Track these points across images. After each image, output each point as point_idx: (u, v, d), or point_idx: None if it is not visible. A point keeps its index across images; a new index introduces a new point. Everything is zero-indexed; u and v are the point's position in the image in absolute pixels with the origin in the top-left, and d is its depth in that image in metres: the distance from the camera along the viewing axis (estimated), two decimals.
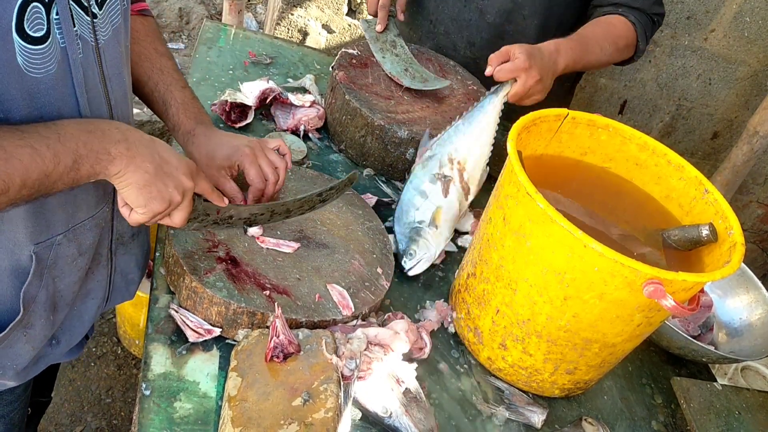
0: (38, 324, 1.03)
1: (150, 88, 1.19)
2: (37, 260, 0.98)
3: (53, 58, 0.84)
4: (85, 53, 0.90)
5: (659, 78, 3.05)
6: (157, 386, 1.02)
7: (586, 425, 1.23)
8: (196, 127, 1.19)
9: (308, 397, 0.98)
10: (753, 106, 3.03)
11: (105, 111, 0.97)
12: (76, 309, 1.13)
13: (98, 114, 0.96)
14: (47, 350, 1.12)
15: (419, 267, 1.38)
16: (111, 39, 0.95)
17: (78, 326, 1.16)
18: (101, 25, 0.92)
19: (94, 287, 1.14)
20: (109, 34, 0.95)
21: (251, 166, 1.17)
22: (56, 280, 1.03)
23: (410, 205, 1.44)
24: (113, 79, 0.97)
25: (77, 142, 0.85)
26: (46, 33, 0.81)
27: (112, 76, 0.97)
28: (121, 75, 1.00)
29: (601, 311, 1.08)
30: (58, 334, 1.12)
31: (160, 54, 1.20)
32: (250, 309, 1.08)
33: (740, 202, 3.42)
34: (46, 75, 0.84)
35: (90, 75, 0.92)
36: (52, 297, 1.04)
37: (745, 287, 1.56)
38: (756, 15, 2.83)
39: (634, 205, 1.32)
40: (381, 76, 1.70)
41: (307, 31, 3.04)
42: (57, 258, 1.01)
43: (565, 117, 1.27)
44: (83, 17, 0.88)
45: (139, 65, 1.17)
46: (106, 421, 2.21)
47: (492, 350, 1.24)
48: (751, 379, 2.20)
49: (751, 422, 1.36)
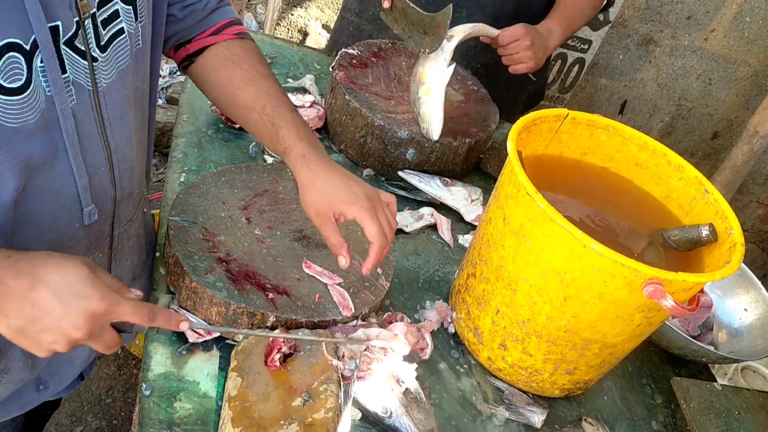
0: (14, 368, 0.99)
1: (258, 112, 1.11)
2: None
3: (34, 108, 0.79)
4: (79, 100, 0.85)
5: (659, 78, 3.05)
6: (157, 386, 1.02)
7: (586, 425, 1.23)
8: (311, 151, 1.09)
9: (308, 397, 0.98)
10: (753, 106, 3.04)
11: (102, 157, 0.92)
12: (67, 355, 1.07)
13: (94, 162, 0.90)
14: (33, 395, 1.08)
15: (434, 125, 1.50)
16: (115, 82, 0.90)
17: (68, 370, 1.11)
18: (103, 68, 0.87)
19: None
20: (113, 77, 0.90)
21: (372, 223, 1.05)
22: None
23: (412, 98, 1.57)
24: (114, 123, 0.92)
25: None
26: (25, 82, 0.76)
27: (113, 119, 0.92)
28: (125, 118, 0.94)
29: (600, 311, 1.08)
30: (46, 379, 1.08)
31: (265, 76, 1.14)
32: (250, 309, 1.08)
33: (740, 202, 3.42)
34: (24, 125, 0.79)
35: (85, 122, 0.87)
36: None
37: (745, 287, 1.56)
38: (756, 15, 2.84)
39: (634, 205, 1.32)
40: (381, 76, 1.70)
41: (307, 31, 3.05)
42: None
43: (565, 117, 1.27)
44: (78, 62, 0.83)
45: (245, 90, 1.11)
46: (106, 421, 2.21)
47: (492, 350, 1.24)
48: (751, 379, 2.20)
49: (751, 422, 1.36)
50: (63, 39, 0.80)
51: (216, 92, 1.15)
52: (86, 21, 0.83)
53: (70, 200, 0.91)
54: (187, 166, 1.43)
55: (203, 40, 1.14)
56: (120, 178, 0.97)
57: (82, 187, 0.90)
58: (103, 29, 0.86)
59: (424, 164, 1.59)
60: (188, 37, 1.14)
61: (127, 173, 0.99)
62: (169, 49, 1.16)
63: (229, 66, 1.12)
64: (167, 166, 1.43)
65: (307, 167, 1.07)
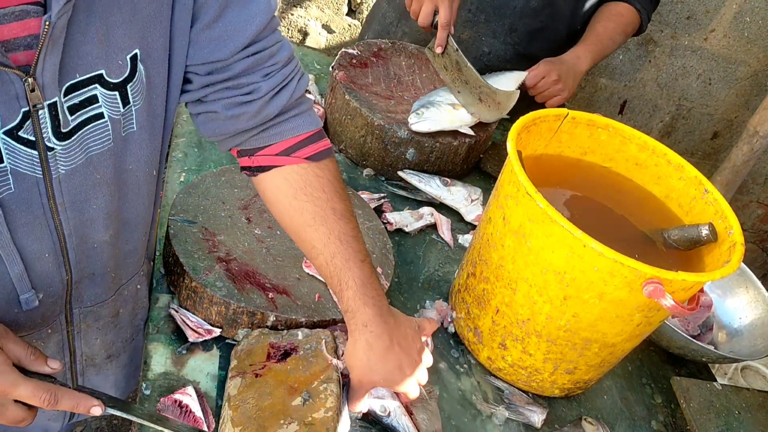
0: None
1: (325, 258, 1.00)
2: None
3: None
4: (19, 188, 0.77)
5: (659, 78, 3.05)
6: (157, 386, 1.02)
7: (585, 425, 1.23)
8: (373, 320, 1.01)
9: (308, 396, 0.98)
10: (753, 106, 3.04)
11: (48, 243, 0.85)
12: (39, 425, 1.04)
13: (34, 249, 0.83)
14: None
15: (423, 125, 1.48)
16: (82, 167, 0.82)
17: None
18: (62, 156, 0.79)
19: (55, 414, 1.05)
20: (79, 163, 0.81)
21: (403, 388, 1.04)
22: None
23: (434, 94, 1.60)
24: (73, 207, 0.84)
25: None
26: None
27: (71, 204, 0.83)
28: (89, 201, 0.85)
29: (600, 311, 1.08)
30: None
31: (339, 216, 1.00)
32: (250, 309, 1.08)
33: (740, 202, 3.42)
34: None
35: (24, 210, 0.79)
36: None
37: (745, 287, 1.56)
38: (756, 15, 2.84)
39: (634, 204, 1.32)
40: (381, 76, 1.70)
41: (307, 31, 3.05)
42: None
43: (565, 117, 1.27)
44: (22, 151, 0.75)
45: (315, 229, 0.99)
46: (106, 421, 2.21)
47: (492, 350, 1.24)
48: (751, 379, 2.20)
49: (750, 422, 1.36)
50: (1, 130, 0.73)
51: (282, 218, 1.03)
52: (40, 111, 0.74)
53: (3, 286, 0.85)
54: (187, 166, 1.43)
55: (270, 158, 0.99)
56: (77, 261, 0.90)
57: (16, 275, 0.84)
58: (71, 115, 0.78)
59: (424, 164, 1.59)
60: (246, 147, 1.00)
61: (88, 254, 0.91)
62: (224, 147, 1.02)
63: (302, 198, 0.99)
64: (167, 166, 1.43)
65: (365, 338, 1.01)
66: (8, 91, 0.71)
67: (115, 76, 0.80)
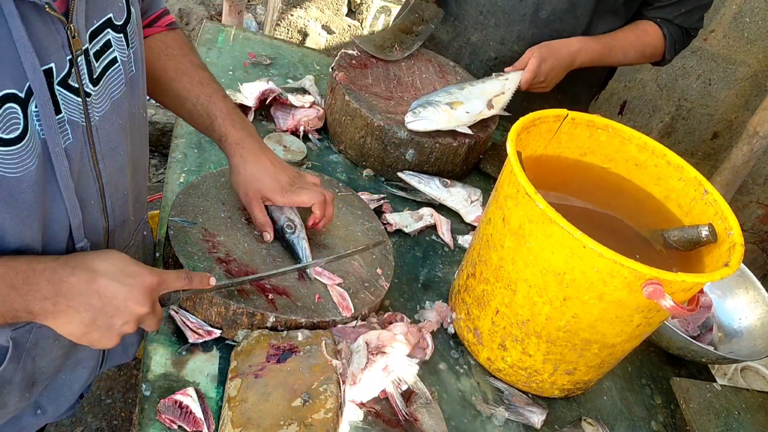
0: (12, 402, 0.98)
1: (192, 102, 1.15)
2: (15, 345, 0.92)
3: (32, 153, 0.78)
4: (74, 138, 0.84)
5: (659, 78, 3.05)
6: (157, 387, 1.02)
7: (585, 425, 1.23)
8: (245, 138, 1.17)
9: (308, 397, 0.98)
10: (753, 106, 3.04)
11: (94, 190, 0.90)
12: (65, 378, 1.07)
13: (85, 197, 0.89)
14: (30, 420, 1.07)
15: (419, 124, 1.49)
16: (108, 113, 0.89)
17: (67, 395, 1.10)
18: (96, 102, 0.86)
19: (85, 356, 1.08)
20: (106, 110, 0.88)
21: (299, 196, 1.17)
22: (36, 359, 0.97)
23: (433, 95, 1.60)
24: (107, 156, 0.90)
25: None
26: (22, 131, 0.75)
27: (105, 152, 0.90)
28: (118, 149, 0.92)
29: (600, 312, 1.08)
30: (43, 403, 1.07)
31: (197, 66, 1.17)
32: (250, 309, 1.08)
33: (740, 202, 3.42)
34: (26, 173, 0.77)
35: (78, 160, 0.85)
36: (30, 375, 0.98)
37: (745, 288, 1.56)
38: (756, 15, 2.84)
39: (633, 205, 1.32)
40: (381, 77, 1.70)
41: (307, 31, 3.05)
42: (37, 339, 0.94)
43: (565, 118, 1.27)
44: (72, 100, 0.82)
45: (178, 81, 1.15)
46: (106, 422, 2.21)
47: (491, 351, 1.24)
48: (751, 380, 2.20)
49: (750, 422, 1.36)
50: (57, 80, 0.79)
51: (150, 83, 1.12)
52: (79, 58, 0.81)
53: (64, 239, 0.89)
54: (186, 167, 1.43)
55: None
56: (112, 209, 0.96)
57: (76, 225, 0.89)
58: (96, 61, 0.85)
59: (424, 165, 1.59)
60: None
61: (120, 202, 0.98)
62: None
63: (163, 58, 1.14)
64: (167, 167, 1.43)
65: (240, 154, 1.16)
66: (56, 40, 0.77)
67: (119, 19, 0.88)
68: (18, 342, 0.92)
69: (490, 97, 1.64)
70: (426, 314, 1.32)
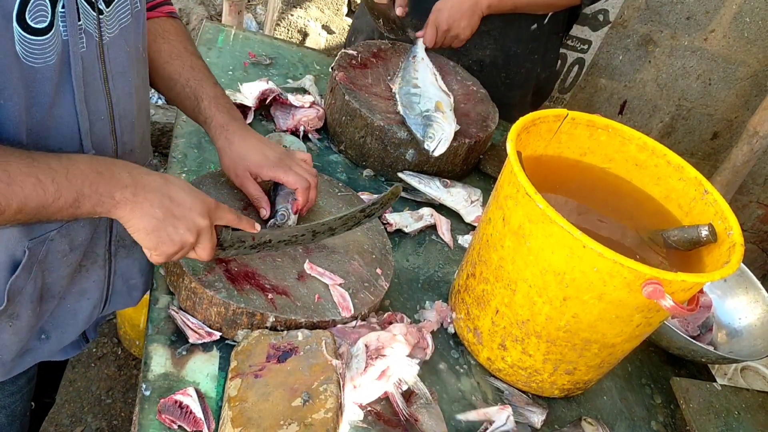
0: (24, 315, 1.03)
1: (181, 85, 1.20)
2: (30, 255, 0.98)
3: (54, 49, 0.85)
4: (88, 47, 0.91)
5: (659, 78, 3.05)
6: (157, 387, 1.02)
7: (585, 425, 1.23)
8: (230, 122, 1.20)
9: (308, 397, 0.98)
10: (753, 106, 3.04)
11: (104, 107, 0.97)
12: (69, 306, 1.13)
13: (95, 110, 0.96)
14: (35, 344, 1.11)
15: (441, 146, 1.50)
16: (117, 37, 0.96)
17: (71, 323, 1.15)
18: (107, 21, 0.93)
19: (90, 287, 1.14)
20: (116, 32, 0.96)
21: (287, 174, 1.19)
22: (45, 273, 1.03)
23: (410, 97, 1.61)
24: (116, 77, 0.98)
25: (83, 181, 0.87)
26: (48, 25, 0.83)
27: (115, 73, 0.97)
28: (126, 75, 1.00)
29: (600, 312, 1.08)
30: (48, 328, 1.12)
31: (190, 53, 1.22)
32: (250, 309, 1.08)
33: (740, 202, 3.42)
34: (44, 65, 0.85)
35: (90, 69, 0.93)
36: (40, 289, 1.04)
37: (745, 287, 1.56)
38: (756, 15, 2.84)
39: (633, 205, 1.32)
40: (380, 77, 1.70)
41: (307, 31, 3.05)
42: (48, 252, 1.01)
43: (565, 117, 1.27)
44: (89, 12, 0.90)
45: (170, 63, 1.19)
46: (106, 422, 2.21)
47: (491, 351, 1.24)
48: (751, 380, 2.20)
49: (750, 422, 1.36)
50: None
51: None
52: None
53: (74, 141, 0.95)
54: (186, 167, 1.43)
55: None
56: (121, 132, 1.02)
57: (84, 131, 0.95)
58: None
59: (424, 165, 1.59)
60: None
61: (128, 128, 1.04)
62: None
63: (159, 41, 1.19)
64: (167, 167, 1.43)
65: (224, 136, 1.20)
66: None
67: None
68: (33, 252, 0.98)
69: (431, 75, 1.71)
70: (426, 314, 1.32)
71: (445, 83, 1.72)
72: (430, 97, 1.61)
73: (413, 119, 1.54)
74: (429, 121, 1.52)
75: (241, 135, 1.21)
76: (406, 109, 1.57)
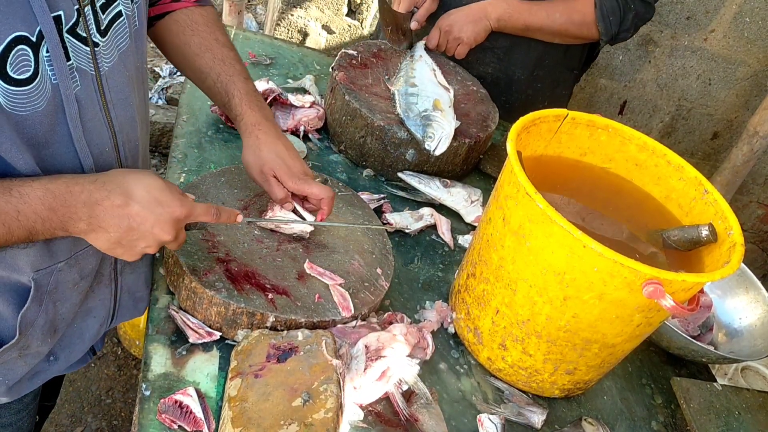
0: (34, 345, 1.03)
1: (212, 80, 1.19)
2: (36, 286, 0.97)
3: (42, 96, 0.82)
4: (83, 84, 0.88)
5: (659, 78, 3.05)
6: (157, 387, 1.02)
7: (586, 425, 1.23)
8: (261, 121, 1.19)
9: (308, 397, 0.98)
10: (753, 106, 3.04)
11: (107, 137, 0.95)
12: (76, 327, 1.12)
13: (99, 143, 0.94)
14: (44, 366, 1.10)
15: (442, 145, 1.50)
16: (116, 65, 0.94)
17: (78, 344, 1.14)
18: (104, 52, 0.91)
19: (96, 306, 1.13)
20: (114, 60, 0.93)
21: (312, 187, 1.19)
22: (57, 304, 1.02)
23: (408, 97, 1.60)
24: (118, 105, 0.96)
25: (36, 220, 0.85)
26: (33, 73, 0.80)
27: (116, 101, 0.95)
28: (128, 99, 0.98)
29: (600, 311, 1.08)
30: (57, 350, 1.11)
31: (221, 44, 1.20)
32: (250, 309, 1.08)
33: (740, 202, 3.42)
34: (33, 113, 0.82)
35: (87, 105, 0.90)
36: (52, 320, 1.03)
37: (745, 287, 1.56)
38: (756, 15, 2.84)
39: (634, 205, 1.32)
40: (381, 77, 1.70)
41: (307, 31, 3.05)
42: (58, 283, 1.00)
43: (565, 117, 1.27)
44: (80, 49, 0.86)
45: (201, 57, 1.18)
46: (106, 422, 2.21)
47: (492, 350, 1.24)
48: (751, 380, 2.20)
49: (751, 422, 1.36)
50: (66, 27, 0.83)
51: (175, 57, 1.21)
52: (86, 8, 0.86)
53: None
54: (186, 167, 1.43)
55: (166, 5, 1.17)
56: (126, 158, 1.01)
57: (88, 168, 0.94)
58: (102, 14, 0.89)
59: (424, 165, 1.59)
60: (152, 0, 1.17)
61: (132, 152, 1.03)
62: None
63: (187, 33, 1.17)
64: (167, 167, 1.43)
65: (255, 135, 1.18)
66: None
67: None
68: (39, 283, 0.97)
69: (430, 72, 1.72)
70: (426, 314, 1.32)
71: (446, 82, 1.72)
72: (428, 96, 1.60)
73: (412, 120, 1.54)
74: (428, 121, 1.52)
75: (272, 139, 1.19)
76: (404, 111, 1.57)
